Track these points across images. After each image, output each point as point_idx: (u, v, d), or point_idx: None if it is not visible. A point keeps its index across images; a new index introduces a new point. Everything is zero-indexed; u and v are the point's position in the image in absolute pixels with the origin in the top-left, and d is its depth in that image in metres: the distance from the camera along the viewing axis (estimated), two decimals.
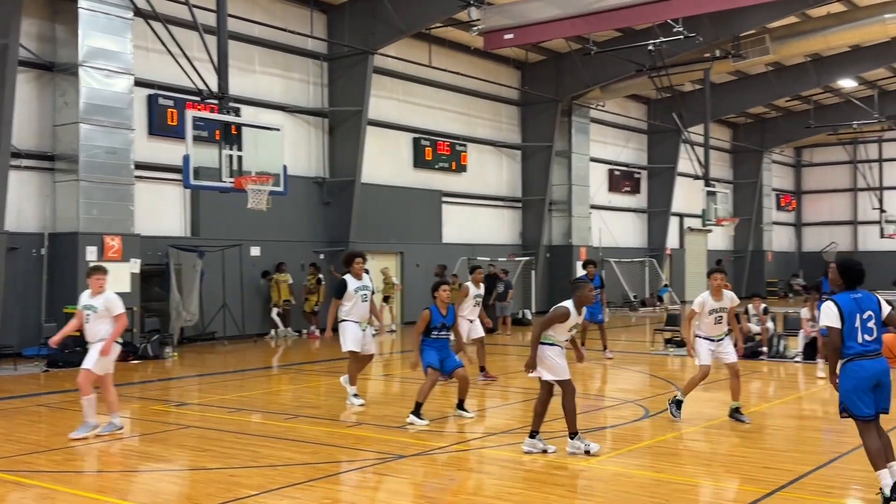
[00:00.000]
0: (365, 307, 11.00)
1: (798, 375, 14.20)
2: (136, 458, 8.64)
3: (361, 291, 10.98)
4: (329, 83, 23.02)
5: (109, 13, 17.00)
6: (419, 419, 9.70)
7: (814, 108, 37.40)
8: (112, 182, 17.14)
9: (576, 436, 8.28)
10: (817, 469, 7.64)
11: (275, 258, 21.07)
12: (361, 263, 11.09)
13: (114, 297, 9.45)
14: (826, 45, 27.02)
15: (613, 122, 33.68)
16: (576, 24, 20.35)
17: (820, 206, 47.01)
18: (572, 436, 8.29)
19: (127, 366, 15.73)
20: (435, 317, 9.91)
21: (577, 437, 8.28)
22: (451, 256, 25.85)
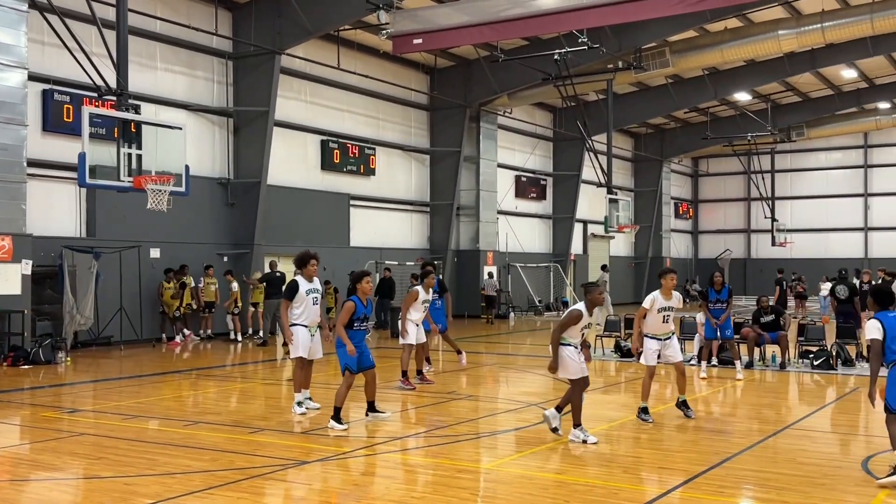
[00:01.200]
0: (316, 310, 10.74)
1: (693, 378, 14.66)
2: (25, 467, 8.27)
3: (313, 294, 10.69)
4: (234, 82, 22.61)
5: (3, 4, 16.24)
6: (339, 423, 9.61)
7: (711, 120, 38.83)
8: (3, 180, 16.37)
9: (578, 427, 9.09)
10: (710, 469, 7.91)
11: (176, 260, 20.52)
12: (316, 265, 10.76)
13: None
14: (723, 59, 28.09)
15: (520, 129, 34.17)
16: (483, 32, 20.57)
17: (715, 214, 48.83)
18: (575, 426, 9.11)
19: (17, 371, 15.07)
20: (358, 307, 9.89)
21: (580, 427, 9.10)
22: (359, 260, 25.68)
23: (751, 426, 10.55)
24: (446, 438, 9.34)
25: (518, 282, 32.96)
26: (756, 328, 15.85)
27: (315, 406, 10.98)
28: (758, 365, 15.68)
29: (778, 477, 7.66)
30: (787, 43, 26.19)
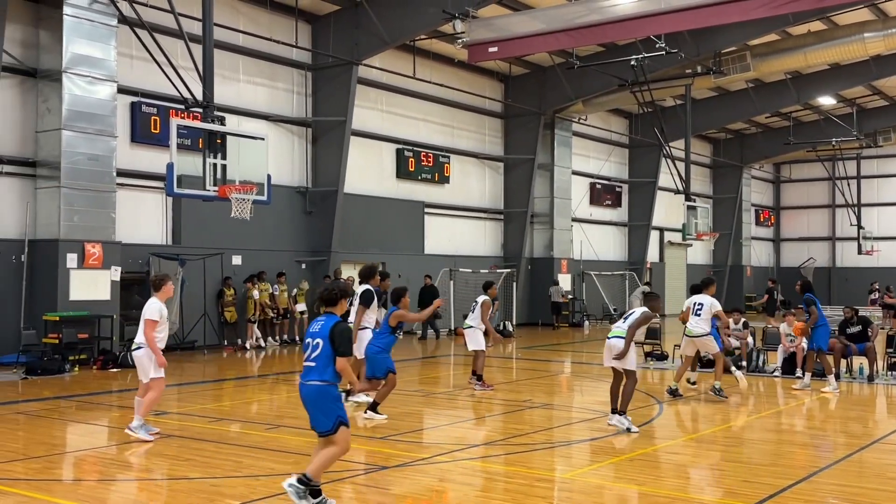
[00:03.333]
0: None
1: (777, 390, 14.32)
2: (115, 467, 8.59)
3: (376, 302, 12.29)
4: (313, 93, 23.04)
5: (94, 20, 16.95)
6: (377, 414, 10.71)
7: (793, 125, 37.83)
8: (93, 189, 17.06)
9: (623, 414, 9.95)
10: (796, 483, 7.72)
11: (256, 267, 21.00)
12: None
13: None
14: (806, 63, 27.37)
15: (595, 135, 33.90)
16: (559, 39, 20.49)
17: (798, 221, 47.49)
18: (621, 413, 9.98)
19: (106, 374, 15.63)
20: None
21: (624, 415, 9.95)
22: (433, 267, 25.87)
23: (837, 440, 10.25)
24: (522, 447, 9.34)
25: (592, 290, 32.65)
26: (842, 339, 15.38)
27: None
28: (844, 377, 15.20)
29: (865, 492, 7.44)
30: (874, 45, 25.38)
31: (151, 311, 9.54)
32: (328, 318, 6.46)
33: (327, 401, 6.28)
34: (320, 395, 6.28)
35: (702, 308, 12.77)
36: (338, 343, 6.29)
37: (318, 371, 6.27)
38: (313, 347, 6.36)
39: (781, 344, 15.78)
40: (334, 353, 6.29)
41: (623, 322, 10.39)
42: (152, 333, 9.49)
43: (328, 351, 6.29)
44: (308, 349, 6.42)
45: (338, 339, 6.28)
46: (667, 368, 16.94)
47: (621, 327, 10.29)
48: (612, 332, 10.36)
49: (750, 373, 15.94)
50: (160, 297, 9.72)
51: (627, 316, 10.49)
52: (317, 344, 6.34)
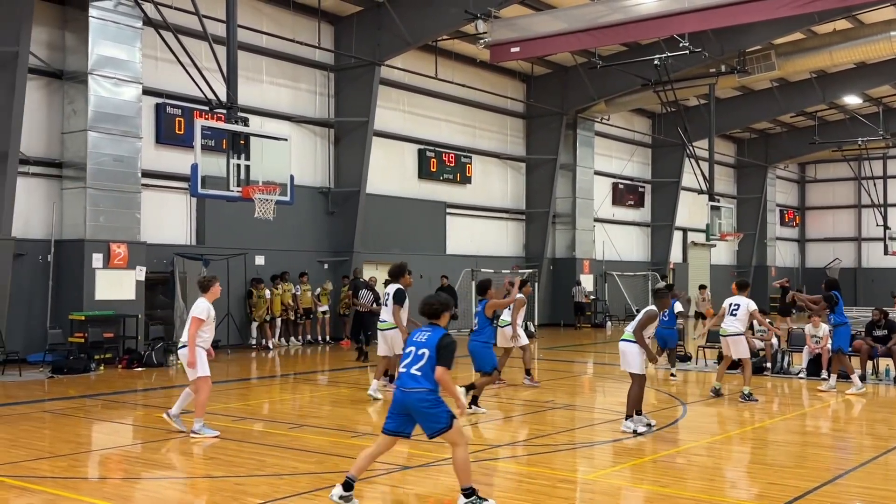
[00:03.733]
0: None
1: (802, 391, 14.19)
2: (140, 465, 8.66)
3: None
4: (335, 94, 23.12)
5: (119, 22, 17.13)
6: (479, 407, 11.24)
7: (818, 125, 37.46)
8: (119, 190, 17.23)
9: (630, 417, 9.90)
10: (822, 486, 7.64)
11: (279, 267, 21.11)
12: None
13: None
14: (831, 62, 27.09)
15: (618, 135, 33.75)
16: (582, 39, 20.42)
17: (824, 221, 47.02)
18: (627, 417, 9.92)
19: (131, 373, 15.78)
20: None
21: (631, 418, 9.90)
22: (455, 268, 25.89)
23: (863, 442, 10.15)
24: (545, 448, 9.32)
25: (615, 290, 32.51)
26: (869, 340, 15.22)
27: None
28: (871, 379, 15.03)
29: (892, 495, 7.36)
30: None
31: (199, 311, 9.73)
32: (434, 330, 6.66)
33: (433, 406, 6.53)
34: (426, 403, 6.52)
35: (738, 308, 12.97)
36: (441, 354, 6.51)
37: (423, 380, 6.50)
38: (418, 357, 6.55)
39: (806, 345, 15.63)
40: (437, 362, 6.51)
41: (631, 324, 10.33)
42: (195, 331, 9.62)
43: (434, 361, 6.51)
44: (409, 357, 6.60)
45: (442, 351, 6.50)
46: (690, 369, 16.83)
47: (628, 329, 10.25)
48: (625, 334, 10.29)
49: (774, 374, 15.81)
50: (208, 297, 9.90)
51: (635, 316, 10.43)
52: (422, 354, 6.55)
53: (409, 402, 6.58)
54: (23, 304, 16.67)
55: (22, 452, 8.84)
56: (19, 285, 16.57)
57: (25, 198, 16.76)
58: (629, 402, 10.04)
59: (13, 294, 16.32)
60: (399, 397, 6.62)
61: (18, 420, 10.78)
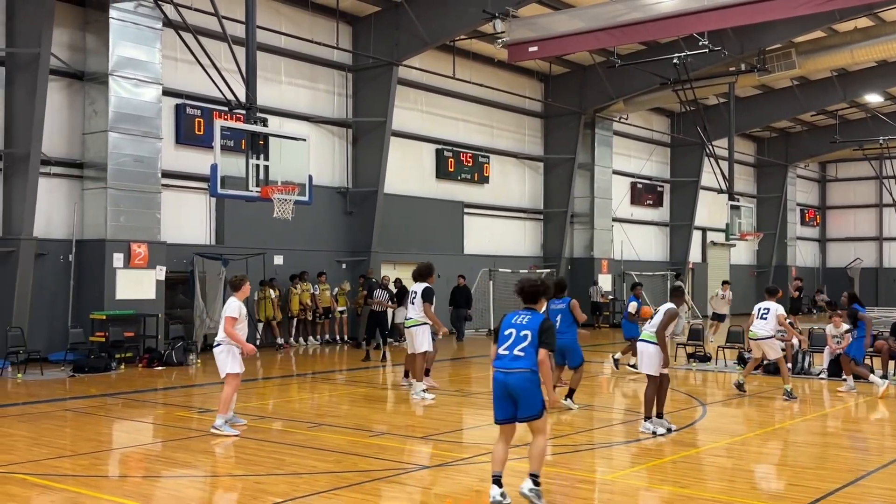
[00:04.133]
0: None
1: (823, 392, 14.08)
2: (160, 464, 8.72)
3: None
4: (353, 94, 23.17)
5: (139, 23, 17.24)
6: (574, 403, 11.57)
7: (839, 123, 37.13)
8: (139, 190, 17.35)
9: (650, 419, 9.85)
10: (843, 487, 7.58)
11: (298, 267, 21.19)
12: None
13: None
14: (852, 60, 26.84)
15: (637, 134, 33.61)
16: (600, 38, 20.35)
17: (845, 221, 46.60)
18: (646, 418, 9.87)
19: (152, 372, 15.88)
20: None
21: (650, 420, 9.85)
22: (473, 267, 25.88)
23: (884, 443, 10.05)
24: (563, 448, 9.30)
25: None
26: (891, 340, 15.07)
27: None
28: (892, 379, 14.88)
29: None
30: None
31: (231, 309, 10.02)
32: (534, 314, 6.82)
33: (535, 387, 6.62)
34: (529, 383, 6.62)
35: (768, 312, 13.34)
36: (545, 336, 6.66)
37: (527, 360, 6.62)
38: (520, 338, 6.67)
39: (827, 346, 15.50)
40: (539, 344, 6.64)
41: (649, 325, 10.23)
42: (231, 328, 9.92)
43: (536, 342, 6.64)
44: (510, 339, 6.72)
45: (546, 334, 6.67)
46: (710, 370, 16.74)
47: (647, 329, 10.18)
48: (643, 335, 10.22)
49: (795, 375, 15.69)
50: (239, 296, 10.17)
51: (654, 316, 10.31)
52: (524, 335, 6.67)
53: (511, 382, 6.68)
54: (44, 303, 16.83)
55: (44, 450, 8.92)
56: (41, 285, 16.74)
57: (47, 198, 16.91)
58: (646, 404, 10.00)
59: (35, 294, 16.49)
60: (501, 378, 6.70)
61: (40, 418, 10.88)
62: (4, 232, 16.42)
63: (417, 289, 12.82)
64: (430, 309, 12.62)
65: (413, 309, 12.79)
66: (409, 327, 12.86)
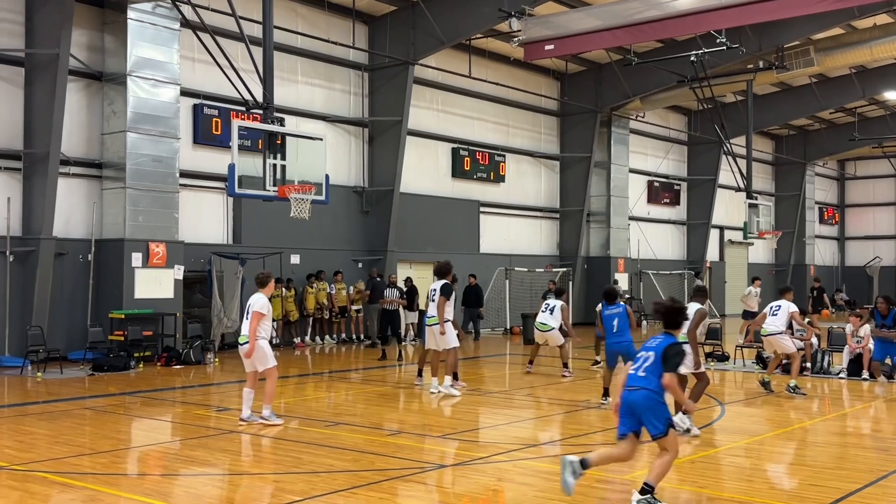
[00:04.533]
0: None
1: (842, 392, 13.97)
2: (179, 462, 8.77)
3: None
4: (370, 93, 23.21)
5: (157, 24, 17.34)
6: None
7: (858, 121, 36.83)
8: (157, 190, 17.45)
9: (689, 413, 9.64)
10: (864, 488, 7.52)
11: (314, 266, 21.24)
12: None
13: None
14: (871, 57, 26.61)
15: (653, 132, 33.48)
16: (617, 36, 20.29)
17: (864, 219, 46.21)
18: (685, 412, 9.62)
19: (170, 370, 15.98)
20: None
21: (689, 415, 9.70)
22: (489, 266, 25.87)
23: None
24: (582, 447, 9.26)
25: (650, 289, 32.24)
26: None
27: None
28: None
29: None
30: None
31: (261, 306, 10.22)
32: (665, 338, 7.04)
33: (655, 406, 6.82)
34: (647, 401, 6.82)
35: (779, 309, 13.60)
36: (668, 360, 6.88)
37: (646, 380, 6.84)
38: (645, 359, 6.95)
39: (847, 345, 15.39)
40: (663, 367, 6.85)
41: None
42: (257, 325, 10.14)
43: (658, 364, 6.86)
44: (640, 361, 7.00)
45: (670, 357, 6.89)
46: (728, 369, 16.65)
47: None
48: None
49: (814, 374, 15.59)
50: (265, 292, 10.40)
51: None
52: (648, 357, 6.94)
53: (633, 400, 6.88)
54: (64, 302, 16.97)
55: (64, 449, 8.99)
56: (61, 284, 16.88)
57: (66, 198, 17.03)
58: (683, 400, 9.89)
59: (55, 293, 16.63)
60: (625, 396, 6.94)
61: (60, 417, 10.96)
62: (24, 231, 16.56)
63: (436, 286, 12.98)
64: (444, 304, 12.78)
65: (433, 306, 12.93)
66: (432, 325, 12.97)
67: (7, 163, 16.55)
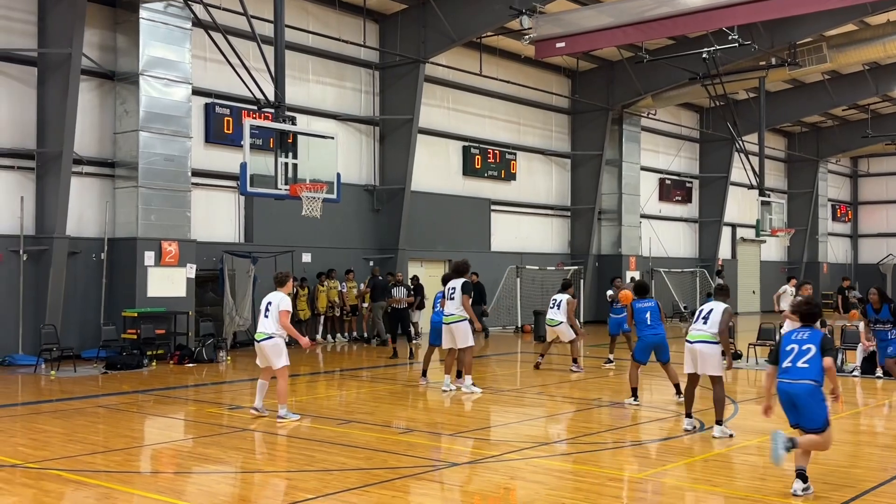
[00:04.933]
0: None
1: (856, 390, 13.89)
2: (192, 460, 8.80)
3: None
4: (380, 92, 23.22)
5: (169, 24, 17.39)
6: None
7: (871, 118, 36.62)
8: (170, 189, 17.50)
9: (721, 423, 9.57)
10: (880, 486, 7.48)
11: (325, 265, 21.28)
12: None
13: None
14: (885, 53, 26.44)
15: (665, 130, 33.37)
16: (628, 33, 20.23)
17: (877, 217, 45.94)
18: (719, 423, 9.56)
19: (183, 369, 16.03)
20: None
21: (723, 423, 9.61)
22: (500, 265, 25.85)
23: None
24: (593, 445, 9.26)
25: (662, 287, 32.15)
26: None
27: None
28: None
29: None
30: None
31: (286, 303, 10.55)
32: (812, 331, 7.38)
33: (816, 401, 7.13)
34: (810, 395, 7.12)
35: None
36: (826, 348, 7.24)
37: (810, 372, 7.14)
38: (803, 352, 7.24)
39: (861, 343, 15.30)
40: (823, 354, 7.19)
41: (704, 323, 9.64)
42: (287, 321, 10.47)
43: (819, 355, 7.18)
44: (793, 353, 7.28)
45: (827, 346, 7.26)
46: (741, 367, 16.58)
47: (704, 330, 9.59)
48: (693, 335, 9.62)
49: None
50: (284, 290, 10.73)
51: (706, 316, 9.72)
52: (807, 349, 7.25)
53: (795, 392, 7.13)
54: (77, 301, 17.05)
55: (77, 447, 9.04)
56: (74, 283, 16.96)
57: (79, 197, 17.11)
58: (717, 406, 9.64)
59: (68, 291, 16.71)
60: (785, 388, 7.19)
61: (74, 415, 11.02)
62: (38, 230, 16.64)
63: (456, 284, 13.01)
64: (468, 301, 12.88)
65: (452, 304, 12.92)
66: (450, 323, 12.93)
67: (20, 162, 16.64)
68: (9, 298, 16.29)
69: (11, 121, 16.54)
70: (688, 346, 9.73)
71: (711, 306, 9.81)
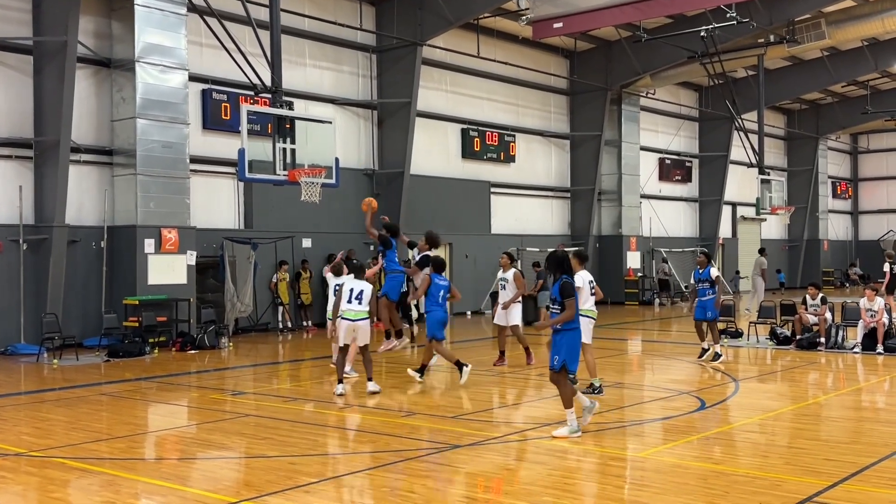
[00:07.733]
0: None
1: (857, 367, 13.93)
2: (196, 446, 8.83)
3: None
4: (378, 75, 23.13)
5: (164, 9, 17.29)
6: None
7: (871, 94, 36.48)
8: (168, 176, 17.46)
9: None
10: (880, 461, 7.50)
11: (326, 249, 21.27)
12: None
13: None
14: (884, 29, 26.31)
15: (664, 109, 33.27)
16: (626, 12, 20.17)
17: (878, 193, 45.88)
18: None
19: (185, 355, 16.07)
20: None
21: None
22: (500, 247, 25.75)
23: None
24: (595, 426, 9.28)
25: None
26: None
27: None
28: None
29: None
30: None
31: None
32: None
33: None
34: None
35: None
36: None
37: None
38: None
39: (861, 319, 15.33)
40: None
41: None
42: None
43: None
44: None
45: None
46: (742, 346, 16.62)
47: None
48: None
49: (829, 349, 15.55)
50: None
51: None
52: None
53: None
54: (78, 289, 17.06)
55: (81, 434, 9.07)
56: (74, 271, 16.96)
57: (78, 185, 17.09)
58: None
59: (68, 280, 16.72)
60: None
61: (77, 403, 11.05)
62: (37, 219, 16.63)
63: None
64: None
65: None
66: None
67: (18, 151, 16.60)
68: (9, 288, 16.30)
69: (8, 110, 16.49)
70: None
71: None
